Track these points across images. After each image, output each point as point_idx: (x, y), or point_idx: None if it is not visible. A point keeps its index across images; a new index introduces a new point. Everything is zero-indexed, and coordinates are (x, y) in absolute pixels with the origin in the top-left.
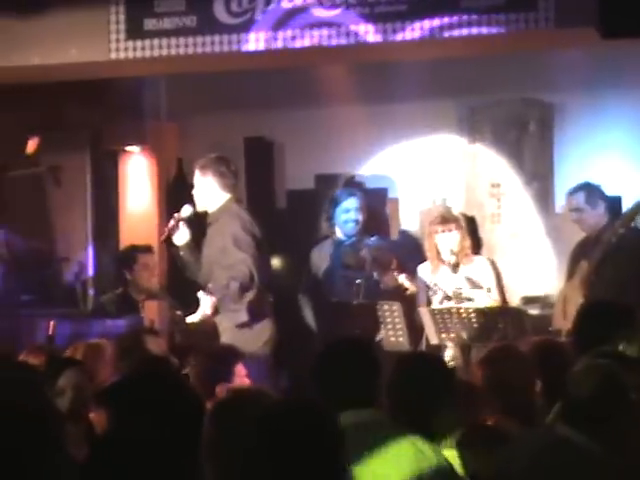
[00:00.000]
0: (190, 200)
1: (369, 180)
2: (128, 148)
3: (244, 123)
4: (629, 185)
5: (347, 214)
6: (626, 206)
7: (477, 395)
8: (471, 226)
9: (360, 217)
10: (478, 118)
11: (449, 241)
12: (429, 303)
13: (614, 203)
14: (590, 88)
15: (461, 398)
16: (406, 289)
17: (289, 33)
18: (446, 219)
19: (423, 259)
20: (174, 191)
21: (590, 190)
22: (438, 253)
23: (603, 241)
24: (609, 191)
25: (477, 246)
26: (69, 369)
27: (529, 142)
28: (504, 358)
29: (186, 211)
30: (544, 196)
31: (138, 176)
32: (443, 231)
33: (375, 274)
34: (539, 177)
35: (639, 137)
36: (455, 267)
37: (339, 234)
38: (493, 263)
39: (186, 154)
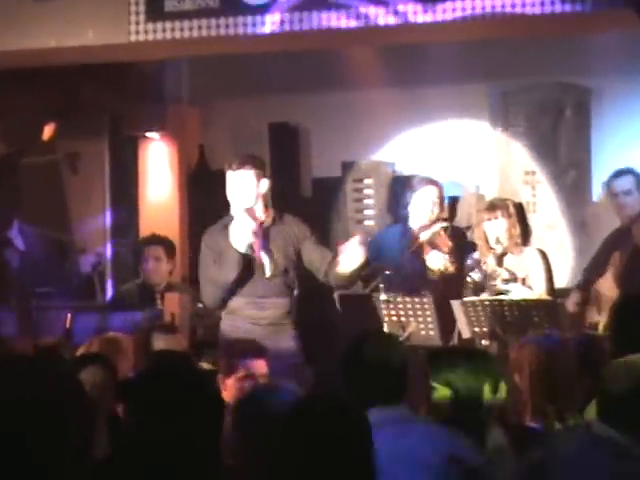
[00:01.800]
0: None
1: (399, 167)
2: (148, 134)
3: (268, 108)
4: None
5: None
6: None
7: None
8: (521, 214)
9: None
10: (512, 103)
11: (496, 229)
12: (477, 293)
13: None
14: (629, 72)
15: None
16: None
17: (314, 14)
18: (493, 206)
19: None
20: (196, 179)
21: (636, 174)
22: (487, 242)
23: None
24: None
25: (526, 235)
26: (91, 365)
27: (565, 128)
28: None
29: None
30: (581, 185)
31: (159, 163)
32: (489, 219)
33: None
34: (575, 165)
35: None
36: (501, 257)
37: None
38: (544, 255)
39: (208, 140)
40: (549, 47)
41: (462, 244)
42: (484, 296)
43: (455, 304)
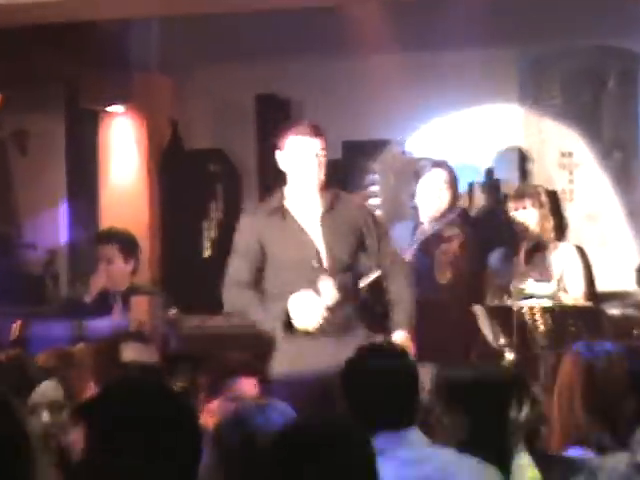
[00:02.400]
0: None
1: (411, 148)
2: (111, 108)
3: (255, 77)
4: None
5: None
6: None
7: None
8: (555, 203)
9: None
10: (544, 71)
11: (527, 221)
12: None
13: None
14: None
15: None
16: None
17: None
18: (521, 193)
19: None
20: (168, 160)
21: None
22: (514, 235)
23: None
24: None
25: (562, 228)
26: (44, 383)
27: (608, 102)
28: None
29: None
30: (628, 168)
31: (123, 142)
32: (516, 209)
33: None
34: (620, 145)
35: None
36: (531, 254)
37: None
38: (583, 252)
39: (183, 115)
40: (590, 4)
41: (485, 237)
42: (512, 301)
43: (478, 309)
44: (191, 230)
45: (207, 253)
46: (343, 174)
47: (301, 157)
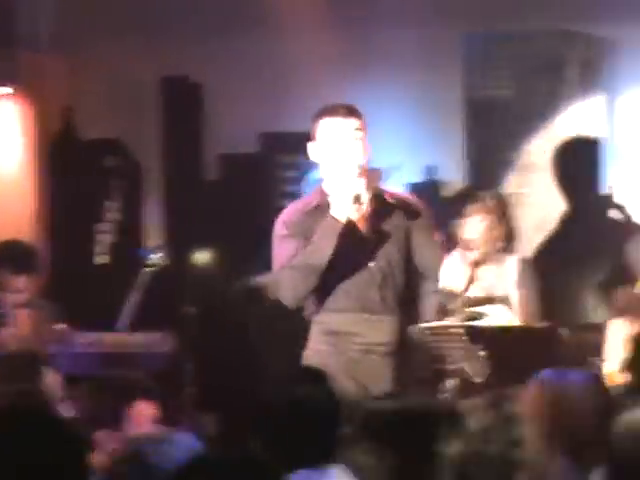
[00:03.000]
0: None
1: None
2: None
3: (161, 57)
4: None
5: None
6: None
7: None
8: (503, 210)
9: None
10: (494, 57)
11: (469, 230)
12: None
13: None
14: None
15: None
16: None
17: None
18: (463, 197)
19: None
20: (58, 151)
21: None
22: (455, 244)
23: None
24: None
25: (510, 238)
26: None
27: (568, 92)
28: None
29: None
30: (590, 169)
31: (7, 129)
32: (458, 214)
33: None
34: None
35: None
36: (474, 268)
37: None
38: (529, 265)
39: (77, 100)
40: None
41: None
42: (451, 321)
43: (413, 330)
44: (84, 232)
45: (101, 260)
46: (260, 169)
47: (334, 141)
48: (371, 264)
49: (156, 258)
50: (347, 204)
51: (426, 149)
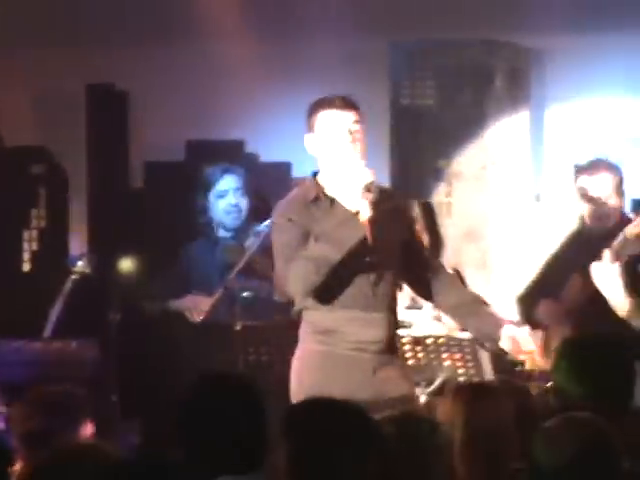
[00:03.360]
0: None
1: (265, 151)
2: None
3: (87, 65)
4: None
5: (223, 199)
6: None
7: None
8: (430, 218)
9: (243, 202)
10: (420, 67)
11: None
12: None
13: None
14: (581, 28)
15: None
16: None
17: None
18: None
19: None
20: None
21: (614, 168)
22: None
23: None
24: None
25: (438, 246)
26: None
27: (494, 103)
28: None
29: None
30: (517, 180)
31: None
32: None
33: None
34: (506, 154)
35: None
36: None
37: (219, 230)
38: (459, 276)
39: (2, 107)
40: None
41: None
42: None
43: None
44: (9, 240)
45: (27, 267)
46: (186, 177)
47: (331, 134)
48: (366, 259)
49: (81, 265)
50: (358, 195)
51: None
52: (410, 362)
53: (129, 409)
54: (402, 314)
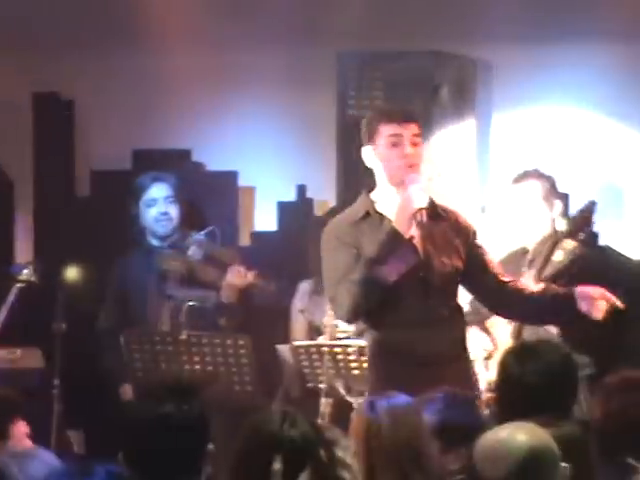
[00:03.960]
0: None
1: (212, 160)
2: None
3: (32, 71)
4: (579, 175)
5: (153, 207)
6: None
7: None
8: None
9: (174, 210)
10: (367, 76)
11: None
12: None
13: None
14: (527, 38)
15: None
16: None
17: None
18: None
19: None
20: None
21: (547, 178)
22: None
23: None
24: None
25: None
26: None
27: (441, 113)
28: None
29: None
30: (462, 190)
31: None
32: None
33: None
34: (452, 164)
35: (596, 108)
36: None
37: (150, 239)
38: None
39: None
40: (420, 1)
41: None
42: (322, 339)
43: (283, 349)
44: None
45: None
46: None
47: (390, 149)
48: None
49: (27, 274)
50: (409, 218)
51: (299, 167)
52: (355, 372)
53: (73, 419)
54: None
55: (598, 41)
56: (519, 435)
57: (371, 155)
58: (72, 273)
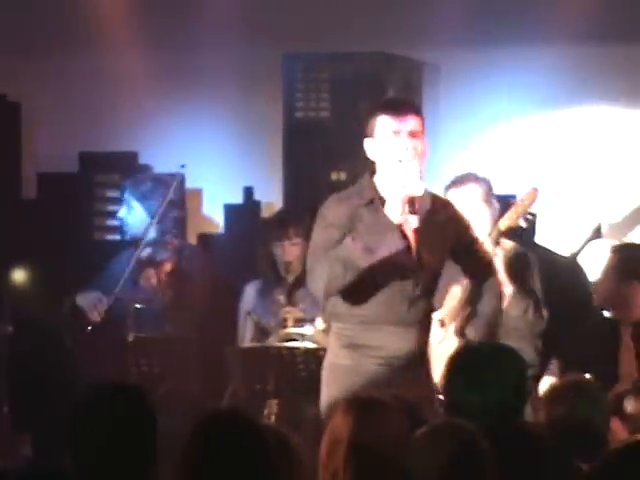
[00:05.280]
0: None
1: (158, 162)
2: None
3: None
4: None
5: None
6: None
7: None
8: None
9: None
10: (314, 78)
11: (287, 252)
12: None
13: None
14: (474, 41)
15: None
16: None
17: None
18: (283, 220)
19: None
20: None
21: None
22: (274, 269)
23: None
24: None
25: None
26: None
27: None
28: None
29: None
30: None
31: None
32: (279, 237)
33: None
34: None
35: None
36: (292, 290)
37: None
38: None
39: None
40: (367, 4)
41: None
42: (270, 342)
43: (230, 351)
44: None
45: None
46: (79, 188)
47: (388, 141)
48: (409, 274)
49: None
50: (402, 207)
51: (245, 170)
52: (303, 374)
53: (21, 422)
54: (294, 327)
55: (544, 43)
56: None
57: (371, 148)
58: (18, 275)
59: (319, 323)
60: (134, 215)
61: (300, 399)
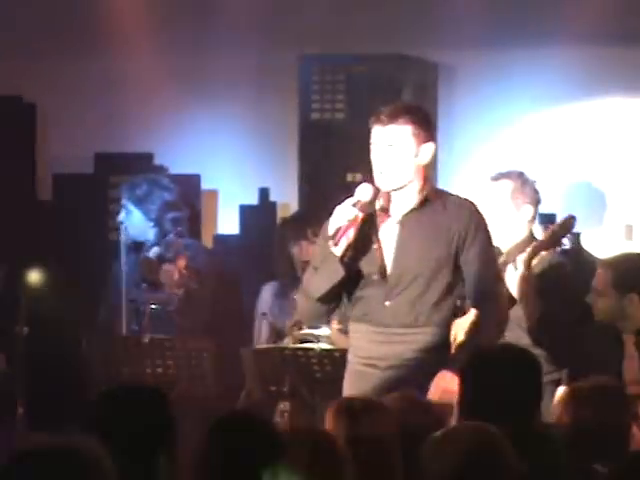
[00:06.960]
0: None
1: (174, 163)
2: None
3: None
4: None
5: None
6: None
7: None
8: None
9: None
10: (330, 80)
11: (304, 251)
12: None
13: None
14: (489, 43)
15: None
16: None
17: None
18: (299, 220)
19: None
20: None
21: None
22: (292, 267)
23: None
24: None
25: None
26: None
27: None
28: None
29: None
30: None
31: None
32: (297, 238)
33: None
34: None
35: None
36: None
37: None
38: None
39: None
40: (383, 7)
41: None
42: (285, 343)
43: (245, 353)
44: None
45: None
46: (94, 189)
47: (373, 150)
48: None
49: None
50: (341, 227)
51: (261, 170)
52: (318, 375)
53: (38, 422)
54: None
55: (560, 43)
56: (465, 434)
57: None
58: (34, 277)
59: (335, 324)
60: (132, 219)
61: (315, 400)
